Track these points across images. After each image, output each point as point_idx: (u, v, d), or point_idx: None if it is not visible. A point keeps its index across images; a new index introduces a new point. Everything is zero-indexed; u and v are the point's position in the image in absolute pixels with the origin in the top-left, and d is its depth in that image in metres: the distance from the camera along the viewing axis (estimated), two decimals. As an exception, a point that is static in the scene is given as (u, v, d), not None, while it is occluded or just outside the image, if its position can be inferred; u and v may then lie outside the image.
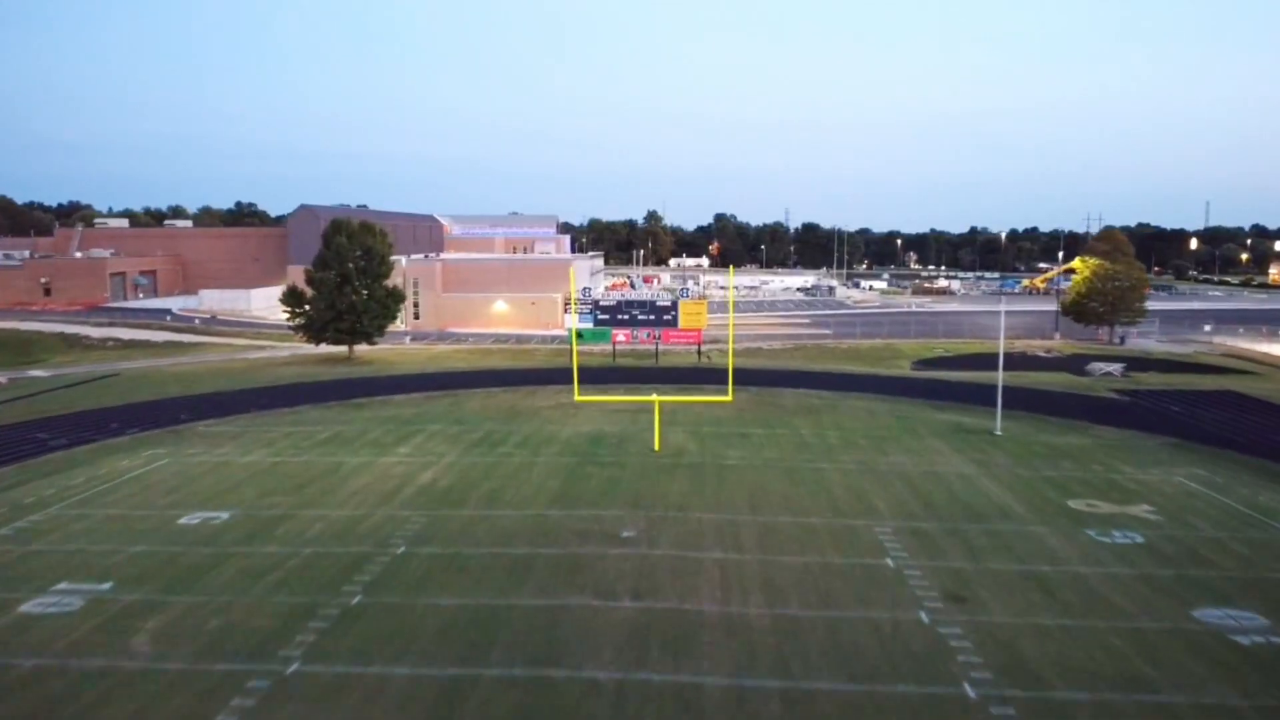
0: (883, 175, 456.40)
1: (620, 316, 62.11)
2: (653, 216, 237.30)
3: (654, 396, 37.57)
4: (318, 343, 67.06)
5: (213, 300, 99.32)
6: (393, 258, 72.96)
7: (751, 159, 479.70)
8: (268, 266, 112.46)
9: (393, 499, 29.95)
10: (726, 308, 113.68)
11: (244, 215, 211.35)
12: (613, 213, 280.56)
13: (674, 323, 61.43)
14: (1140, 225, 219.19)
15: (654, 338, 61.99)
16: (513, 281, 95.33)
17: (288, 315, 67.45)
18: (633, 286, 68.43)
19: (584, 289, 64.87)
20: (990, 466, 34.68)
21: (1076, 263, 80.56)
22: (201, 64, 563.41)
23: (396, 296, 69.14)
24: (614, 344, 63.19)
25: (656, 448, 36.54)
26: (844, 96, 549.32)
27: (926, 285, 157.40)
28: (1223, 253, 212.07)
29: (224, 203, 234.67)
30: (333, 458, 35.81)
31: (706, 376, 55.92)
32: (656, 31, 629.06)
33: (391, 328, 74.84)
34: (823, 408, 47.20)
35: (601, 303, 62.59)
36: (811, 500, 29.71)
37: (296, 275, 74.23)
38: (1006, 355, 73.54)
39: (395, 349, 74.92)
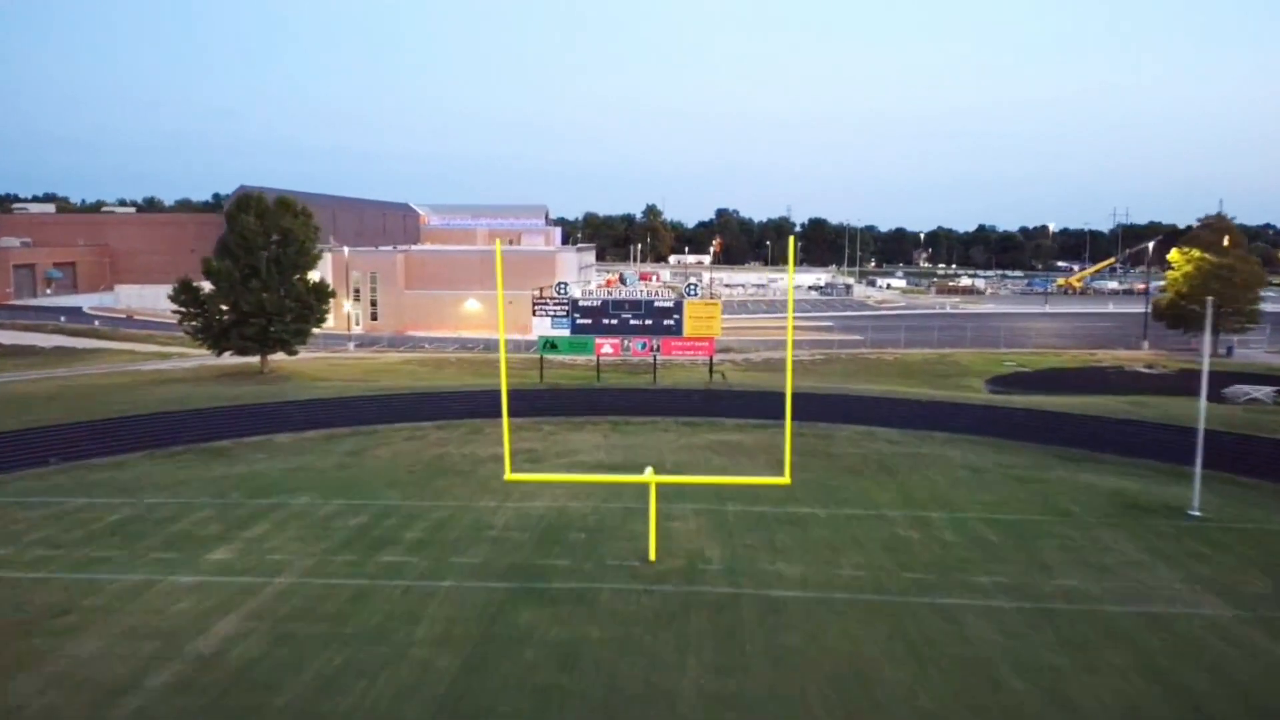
0: (886, 171, 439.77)
1: (606, 321, 47.02)
2: (652, 211, 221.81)
3: (649, 474, 21.79)
4: (219, 352, 52.11)
5: (130, 297, 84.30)
6: (344, 248, 58.42)
7: (753, 154, 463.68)
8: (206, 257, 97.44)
9: (118, 701, 14.74)
10: (733, 310, 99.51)
11: (220, 208, 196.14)
12: (610, 208, 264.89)
13: (677, 329, 46.34)
14: (1151, 224, 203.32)
15: (651, 349, 46.89)
16: (486, 277, 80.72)
17: (179, 317, 52.46)
18: (624, 283, 53.22)
19: (560, 284, 49.75)
20: (1246, 599, 19.52)
21: (1174, 254, 65.61)
22: (194, 60, 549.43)
23: (322, 294, 53.96)
24: (598, 356, 48.10)
25: (652, 555, 21.40)
26: (846, 92, 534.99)
27: (950, 284, 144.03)
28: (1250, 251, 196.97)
29: (206, 196, 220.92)
30: (87, 573, 20.60)
31: (724, 406, 40.79)
32: (657, 25, 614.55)
33: (338, 330, 59.94)
34: (899, 460, 31.97)
35: (581, 303, 47.54)
36: None
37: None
38: (1096, 370, 58.34)
39: (328, 359, 59.85)
